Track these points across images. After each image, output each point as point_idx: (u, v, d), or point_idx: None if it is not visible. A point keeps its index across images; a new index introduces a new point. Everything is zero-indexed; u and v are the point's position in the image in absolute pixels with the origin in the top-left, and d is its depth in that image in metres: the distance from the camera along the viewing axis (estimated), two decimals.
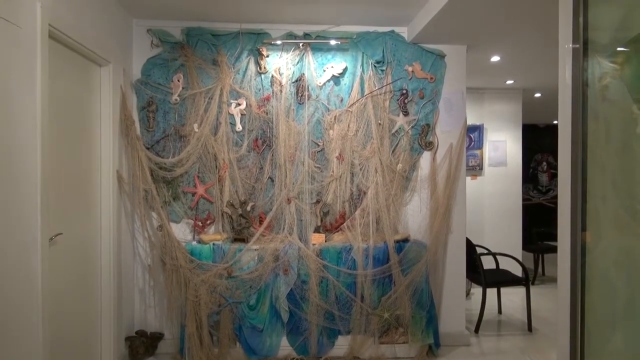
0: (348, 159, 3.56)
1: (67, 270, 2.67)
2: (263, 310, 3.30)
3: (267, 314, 3.30)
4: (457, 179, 3.70)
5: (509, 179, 5.87)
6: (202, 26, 3.51)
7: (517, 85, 5.55)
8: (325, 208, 3.56)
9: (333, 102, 3.61)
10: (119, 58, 3.23)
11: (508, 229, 5.82)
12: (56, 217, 2.51)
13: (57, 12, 2.39)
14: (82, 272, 2.86)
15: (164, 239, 3.34)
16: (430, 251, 3.51)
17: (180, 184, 3.50)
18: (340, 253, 3.36)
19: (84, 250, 2.88)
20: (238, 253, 3.28)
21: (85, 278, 2.90)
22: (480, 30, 3.44)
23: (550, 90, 5.67)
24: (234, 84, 3.52)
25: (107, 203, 3.11)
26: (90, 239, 2.97)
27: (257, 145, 3.55)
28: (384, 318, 3.34)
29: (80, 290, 2.83)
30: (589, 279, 1.95)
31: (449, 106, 3.73)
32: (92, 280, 2.99)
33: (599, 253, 1.93)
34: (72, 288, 2.73)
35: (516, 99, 5.86)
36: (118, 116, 3.21)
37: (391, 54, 3.63)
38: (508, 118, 5.88)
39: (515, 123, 5.90)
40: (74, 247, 2.74)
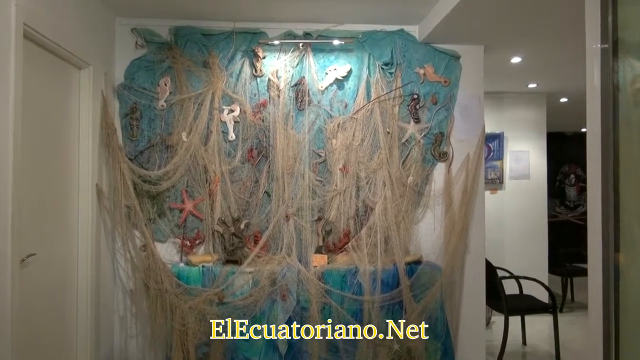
0: (353, 171, 3.57)
1: (40, 295, 2.66)
2: (258, 341, 3.28)
3: (262, 345, 3.28)
4: (475, 194, 3.69)
5: (532, 194, 5.85)
6: (191, 25, 3.54)
7: (541, 89, 5.57)
8: (328, 226, 3.56)
9: (336, 108, 3.63)
10: (100, 60, 3.26)
11: (532, 250, 5.79)
12: (29, 236, 2.51)
13: (33, 11, 2.42)
14: (57, 296, 2.86)
15: (147, 260, 3.33)
16: (446, 274, 3.50)
17: (166, 199, 3.50)
18: (344, 276, 3.34)
19: (59, 273, 2.88)
20: (230, 276, 3.26)
21: (60, 303, 2.89)
22: (500, 28, 3.46)
23: (577, 94, 5.68)
24: (227, 88, 3.54)
25: (85, 220, 3.11)
26: (66, 260, 2.96)
27: (252, 156, 3.56)
28: (394, 350, 3.31)
29: (54, 317, 2.82)
30: (624, 305, 1.94)
31: (465, 112, 3.74)
32: (67, 306, 2.98)
33: (635, 276, 1.91)
34: (46, 314, 2.72)
35: (540, 105, 5.87)
36: (98, 124, 3.23)
37: (401, 55, 3.66)
38: (531, 126, 5.89)
39: (539, 131, 5.90)
40: (48, 270, 2.74)
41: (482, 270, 3.76)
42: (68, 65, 2.97)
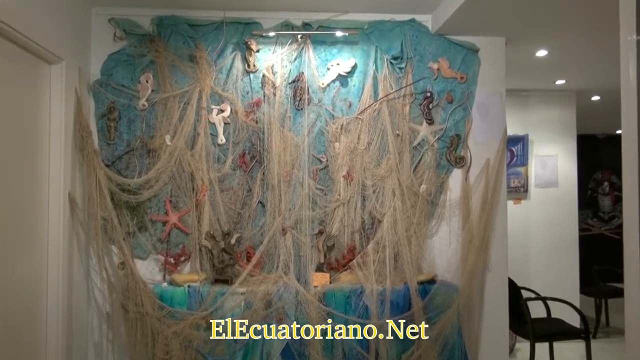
0: (358, 178, 3.57)
1: (3, 319, 2.64)
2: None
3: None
4: (496, 204, 3.69)
5: (561, 204, 5.86)
6: (176, 14, 3.56)
7: (570, 86, 5.58)
8: (330, 241, 3.55)
9: (339, 107, 3.64)
10: (74, 54, 3.27)
11: (561, 267, 5.78)
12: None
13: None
14: (23, 321, 2.84)
15: (126, 279, 3.32)
16: (463, 295, 3.49)
17: (147, 211, 3.50)
18: (348, 297, 3.34)
19: (24, 297, 2.86)
20: (220, 298, 3.25)
21: (26, 329, 2.87)
22: (523, 17, 3.47)
23: (611, 92, 5.68)
24: (216, 85, 3.55)
25: (56, 234, 3.09)
26: (34, 279, 2.95)
27: (245, 161, 3.56)
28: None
29: (19, 345, 2.80)
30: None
31: (485, 112, 3.75)
32: (35, 332, 2.96)
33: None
34: (9, 341, 2.70)
35: (569, 104, 5.89)
36: (71, 125, 3.23)
37: (412, 48, 3.67)
38: (559, 127, 5.90)
39: (568, 133, 5.92)
40: (13, 290, 2.72)
41: (504, 291, 3.75)
42: (37, 59, 2.97)
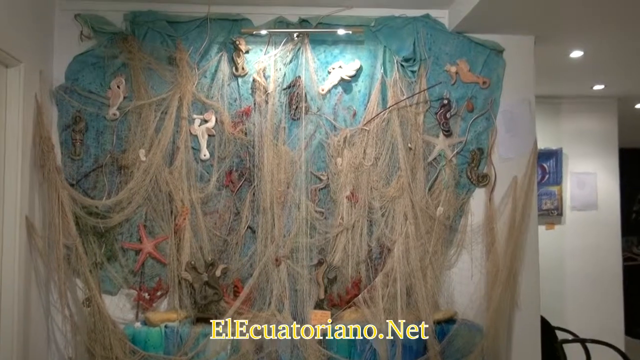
0: (364, 199, 3.57)
1: None
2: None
3: None
4: (526, 229, 3.69)
5: (601, 229, 5.85)
6: (153, 9, 3.58)
7: (610, 91, 5.60)
8: (332, 273, 3.55)
9: (342, 117, 3.65)
10: (34, 55, 3.29)
11: (603, 304, 5.77)
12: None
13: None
14: None
15: (92, 318, 3.31)
16: (488, 337, 3.48)
17: (118, 238, 3.50)
18: (353, 340, 3.33)
19: None
20: (202, 339, 3.25)
21: None
22: (555, 13, 3.49)
23: None
24: (199, 91, 3.57)
25: (10, 266, 3.08)
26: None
27: (232, 180, 3.57)
28: None
29: None
30: None
31: (511, 123, 3.76)
32: None
33: None
34: None
35: (609, 113, 5.91)
36: (30, 138, 3.24)
37: (426, 48, 3.70)
38: (598, 140, 5.92)
39: (608, 147, 5.93)
40: None
41: (536, 332, 3.74)
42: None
